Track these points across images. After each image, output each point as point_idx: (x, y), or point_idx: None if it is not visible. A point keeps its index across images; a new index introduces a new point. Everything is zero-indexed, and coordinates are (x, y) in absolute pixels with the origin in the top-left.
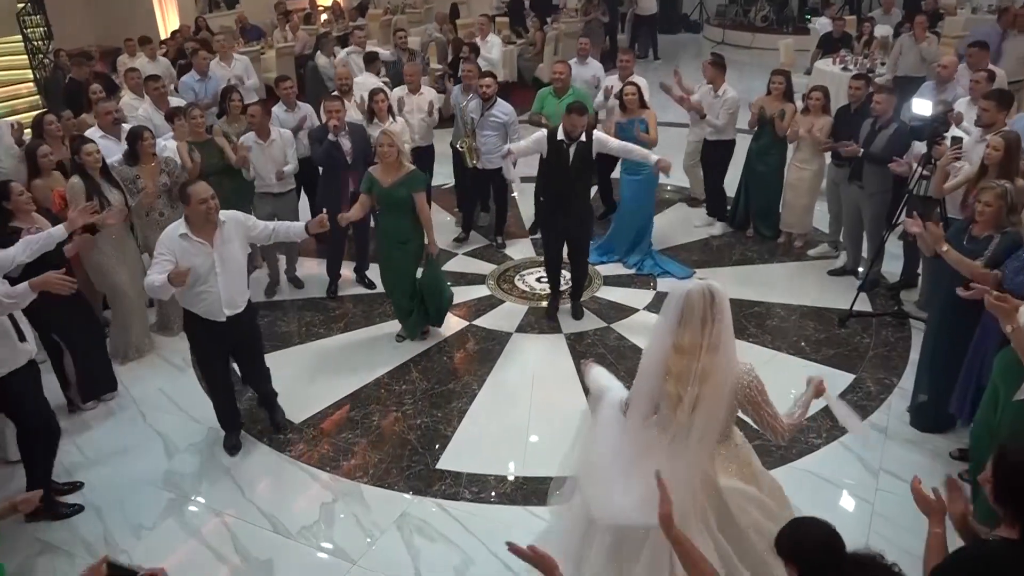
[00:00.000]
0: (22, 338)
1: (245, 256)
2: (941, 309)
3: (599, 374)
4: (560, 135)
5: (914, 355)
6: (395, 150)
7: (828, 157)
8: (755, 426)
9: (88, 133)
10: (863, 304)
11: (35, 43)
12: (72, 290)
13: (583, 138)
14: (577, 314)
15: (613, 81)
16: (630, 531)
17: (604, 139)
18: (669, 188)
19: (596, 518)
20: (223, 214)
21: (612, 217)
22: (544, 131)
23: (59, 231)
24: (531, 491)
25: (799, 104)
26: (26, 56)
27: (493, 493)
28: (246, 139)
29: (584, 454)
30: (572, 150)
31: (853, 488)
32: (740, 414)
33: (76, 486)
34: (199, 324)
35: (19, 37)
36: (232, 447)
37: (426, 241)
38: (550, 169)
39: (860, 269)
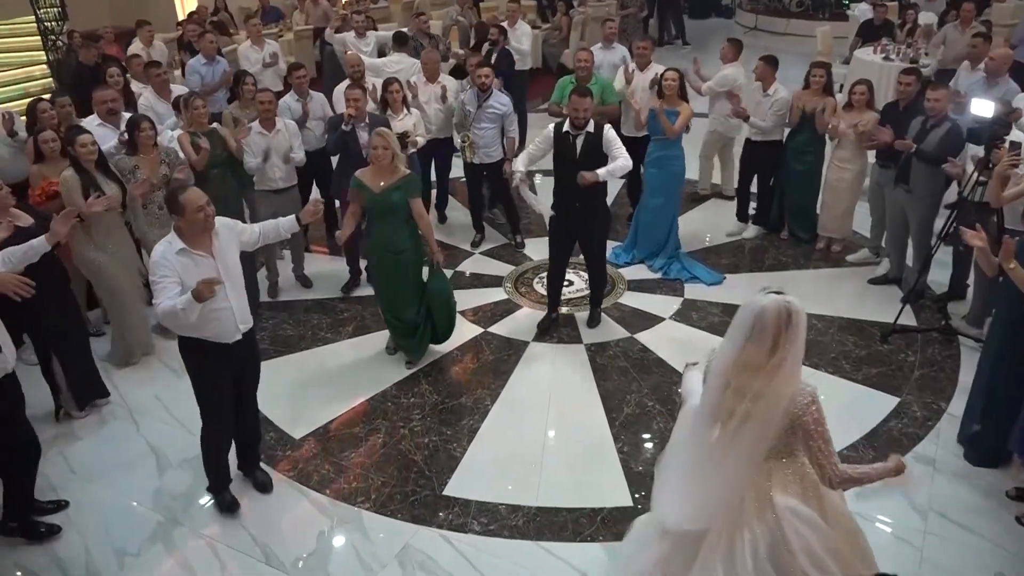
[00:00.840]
0: None
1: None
2: (1002, 330)
3: (689, 379)
4: (566, 126)
5: (963, 377)
6: (390, 152)
7: (871, 156)
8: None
9: (85, 122)
10: (907, 317)
11: (47, 24)
12: (30, 295)
13: (591, 128)
14: (592, 322)
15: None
16: (683, 543)
17: (612, 139)
18: (698, 183)
19: (658, 520)
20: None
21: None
22: (551, 128)
23: (41, 243)
24: (545, 524)
25: (840, 99)
26: (39, 37)
27: (504, 525)
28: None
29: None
30: (579, 141)
31: (898, 530)
32: None
33: (61, 505)
34: (206, 352)
35: (33, 17)
36: (228, 506)
37: (432, 249)
38: (558, 162)
39: (904, 278)
